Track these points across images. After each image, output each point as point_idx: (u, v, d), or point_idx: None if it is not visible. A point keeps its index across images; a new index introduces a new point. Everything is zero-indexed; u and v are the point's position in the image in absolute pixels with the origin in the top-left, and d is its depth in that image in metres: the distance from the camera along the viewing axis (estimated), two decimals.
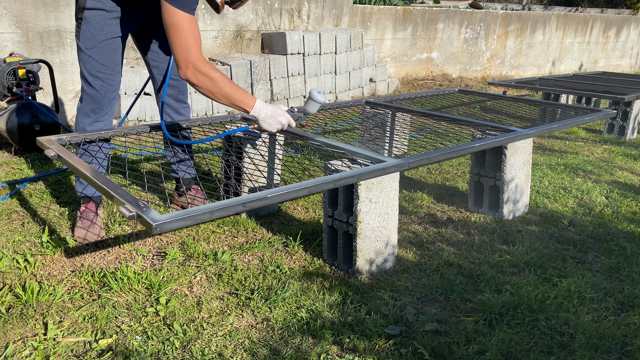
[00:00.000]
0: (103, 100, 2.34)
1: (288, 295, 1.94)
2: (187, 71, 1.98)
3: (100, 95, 2.32)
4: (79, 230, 2.35)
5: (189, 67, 1.97)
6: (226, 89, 2.05)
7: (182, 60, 1.97)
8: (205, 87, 2.02)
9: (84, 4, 2.16)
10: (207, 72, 1.99)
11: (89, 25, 2.18)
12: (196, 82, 2.00)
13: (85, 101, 2.34)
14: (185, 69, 1.97)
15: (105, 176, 1.76)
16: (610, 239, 2.52)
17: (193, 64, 1.97)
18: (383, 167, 1.99)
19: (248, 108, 2.11)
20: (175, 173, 2.71)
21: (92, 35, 2.20)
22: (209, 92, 2.04)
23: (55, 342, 1.65)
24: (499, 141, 2.49)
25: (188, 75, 1.98)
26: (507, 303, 1.90)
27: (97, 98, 2.32)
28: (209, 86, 2.03)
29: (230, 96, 2.07)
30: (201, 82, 2.00)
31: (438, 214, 2.79)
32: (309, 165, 3.42)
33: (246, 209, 1.62)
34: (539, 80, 5.46)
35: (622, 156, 4.12)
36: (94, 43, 2.21)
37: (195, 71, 1.98)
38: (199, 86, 2.02)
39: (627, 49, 10.96)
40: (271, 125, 2.17)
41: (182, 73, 1.99)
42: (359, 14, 6.66)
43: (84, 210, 2.43)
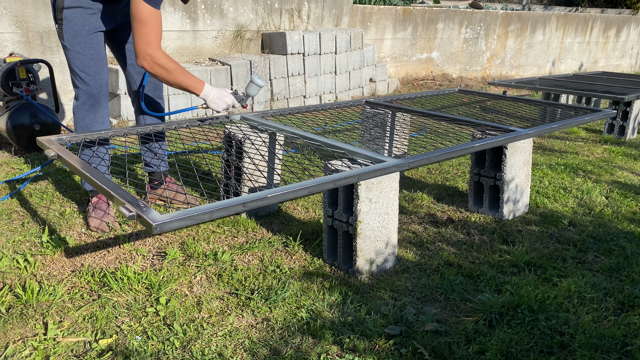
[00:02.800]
0: (99, 94, 2.40)
1: (288, 295, 1.94)
2: (144, 62, 2.17)
3: (95, 90, 2.38)
4: (93, 220, 2.43)
5: (147, 58, 2.16)
6: (179, 78, 2.27)
7: (140, 52, 2.15)
8: (160, 76, 2.23)
9: (62, 3, 2.25)
10: (163, 64, 2.20)
11: (70, 23, 2.27)
12: (151, 72, 2.21)
13: (82, 99, 2.38)
14: (143, 59, 2.16)
15: (105, 176, 1.76)
16: (610, 239, 2.52)
17: (150, 56, 2.16)
18: (383, 167, 1.99)
19: (198, 91, 2.35)
20: (149, 167, 2.77)
21: (75, 32, 2.29)
22: (163, 80, 2.26)
23: (55, 342, 1.65)
24: (499, 141, 2.49)
25: (144, 65, 2.18)
26: (507, 303, 1.90)
27: (93, 93, 2.38)
28: (164, 75, 2.24)
29: (182, 83, 2.29)
30: (156, 72, 2.21)
31: (438, 214, 2.79)
32: (309, 165, 3.42)
33: (246, 209, 1.62)
34: (539, 80, 5.46)
35: (622, 156, 4.12)
36: (79, 39, 2.30)
37: (152, 62, 2.17)
38: (154, 75, 2.23)
39: (627, 49, 10.96)
40: (218, 105, 2.40)
41: (139, 62, 2.17)
42: (359, 14, 6.66)
43: (96, 201, 2.52)
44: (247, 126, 2.65)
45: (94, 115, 2.43)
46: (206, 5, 5.17)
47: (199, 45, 5.24)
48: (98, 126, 2.45)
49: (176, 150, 3.73)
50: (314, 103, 5.87)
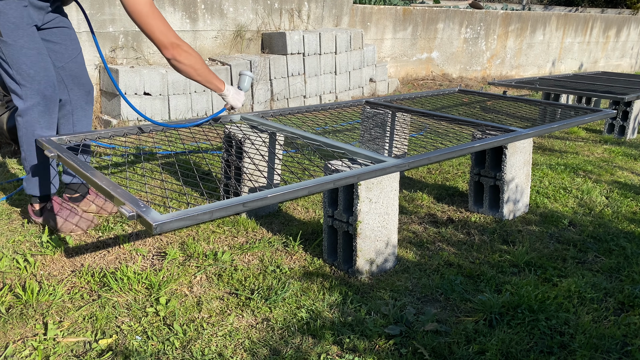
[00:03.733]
0: (54, 94, 2.19)
1: (288, 295, 1.94)
2: (174, 51, 2.07)
3: (49, 89, 2.16)
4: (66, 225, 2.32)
5: (174, 46, 2.07)
6: (205, 69, 2.21)
7: (164, 43, 2.06)
8: (189, 64, 2.13)
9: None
10: (190, 50, 2.12)
11: (7, 15, 2.08)
12: (183, 59, 2.10)
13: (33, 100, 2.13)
14: (172, 48, 2.07)
15: (105, 176, 1.76)
16: (610, 239, 2.52)
17: (176, 44, 2.08)
18: (383, 167, 1.99)
19: (222, 87, 2.34)
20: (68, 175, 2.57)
21: (15, 24, 2.07)
22: (192, 68, 2.16)
23: (55, 342, 1.65)
24: (499, 141, 2.49)
25: (175, 54, 2.08)
26: (507, 303, 1.90)
27: (47, 93, 2.15)
28: (193, 62, 2.14)
29: (208, 75, 2.23)
30: (187, 58, 2.11)
31: (438, 214, 2.79)
32: (309, 165, 3.42)
33: (246, 209, 1.62)
34: (539, 80, 5.46)
35: (622, 156, 4.12)
36: (21, 32, 2.09)
37: (180, 50, 2.09)
38: (185, 63, 2.12)
39: (627, 48, 10.96)
40: (239, 101, 2.41)
41: (169, 52, 2.08)
42: (359, 14, 6.66)
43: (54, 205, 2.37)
44: (247, 126, 2.65)
45: (50, 118, 2.20)
46: (206, 5, 5.18)
47: (199, 45, 5.24)
48: (52, 131, 2.23)
49: (176, 150, 3.73)
50: (314, 103, 5.87)
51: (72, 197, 2.59)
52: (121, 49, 4.72)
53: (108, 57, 4.67)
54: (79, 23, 4.42)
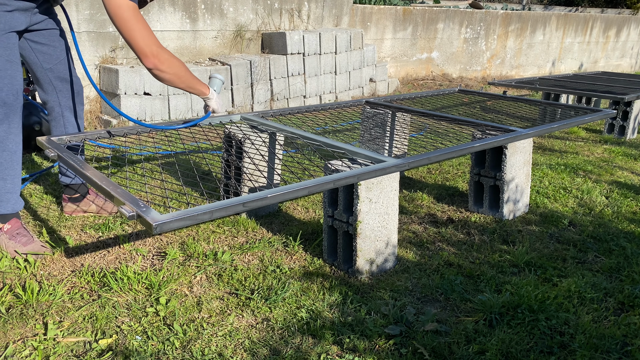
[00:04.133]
0: (16, 102, 2.06)
1: (288, 295, 1.94)
2: (156, 60, 2.02)
3: (11, 97, 2.04)
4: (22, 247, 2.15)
5: (155, 55, 2.01)
6: (188, 74, 2.16)
7: (145, 51, 1.99)
8: (173, 72, 2.08)
9: None
10: (171, 58, 2.06)
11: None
12: (165, 68, 2.04)
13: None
14: (152, 57, 2.01)
15: (105, 176, 1.76)
16: (610, 239, 2.52)
17: (156, 54, 2.02)
18: (383, 167, 1.99)
19: (206, 91, 2.31)
20: (66, 177, 2.51)
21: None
22: (175, 76, 2.10)
23: (55, 342, 1.65)
24: (499, 141, 2.49)
25: (157, 64, 2.03)
26: (507, 303, 1.90)
27: (8, 101, 2.04)
28: (176, 70, 2.09)
29: (191, 81, 2.18)
30: (170, 67, 2.06)
31: (438, 214, 2.79)
32: (309, 165, 3.42)
33: (246, 209, 1.62)
34: (539, 80, 5.46)
35: (622, 156, 4.12)
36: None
37: (162, 59, 2.03)
38: (167, 72, 2.06)
39: (627, 48, 10.96)
40: (221, 105, 2.39)
41: (150, 62, 2.02)
42: (359, 13, 6.66)
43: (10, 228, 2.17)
44: (247, 126, 2.65)
45: (9, 127, 2.07)
46: (206, 5, 5.17)
47: (199, 45, 5.24)
48: (13, 139, 2.09)
49: (176, 150, 3.73)
50: (314, 103, 5.87)
51: (72, 198, 2.56)
52: (121, 49, 4.72)
53: (108, 57, 4.67)
54: (79, 23, 4.42)
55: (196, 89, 2.26)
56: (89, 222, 2.53)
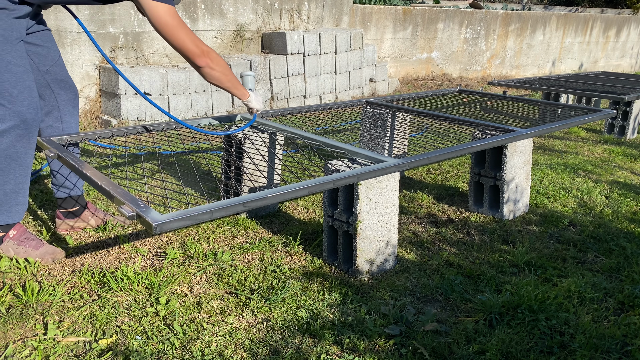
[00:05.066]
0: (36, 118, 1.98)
1: (288, 295, 1.94)
2: (207, 58, 2.08)
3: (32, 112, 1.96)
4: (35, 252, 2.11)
5: (205, 53, 2.06)
6: (232, 75, 2.23)
7: (195, 51, 2.04)
8: (221, 71, 2.14)
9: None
10: (219, 56, 2.13)
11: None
12: (216, 66, 2.11)
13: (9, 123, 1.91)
14: (204, 56, 2.07)
15: (105, 176, 1.76)
16: (610, 239, 2.52)
17: (207, 52, 2.07)
18: (383, 167, 1.99)
19: (247, 94, 2.38)
20: (64, 189, 2.34)
21: (5, 37, 1.88)
22: (224, 75, 2.16)
23: (55, 342, 1.65)
24: (499, 141, 2.49)
25: (209, 62, 2.09)
26: (507, 303, 1.90)
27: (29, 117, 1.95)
28: (224, 69, 2.15)
29: (235, 82, 2.24)
30: (219, 65, 2.12)
31: (438, 214, 2.79)
32: (309, 165, 3.42)
33: (246, 209, 1.62)
34: (539, 80, 5.46)
35: (622, 156, 4.12)
36: (10, 46, 1.90)
37: (213, 56, 2.09)
38: (217, 70, 2.13)
39: (627, 48, 10.96)
40: (261, 102, 2.47)
41: (203, 61, 2.07)
42: (359, 14, 6.66)
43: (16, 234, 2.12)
44: None
45: (28, 142, 1.99)
46: (206, 5, 5.17)
47: None
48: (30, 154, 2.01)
49: (176, 150, 3.73)
50: (314, 103, 5.87)
51: (69, 213, 2.39)
52: (121, 49, 4.72)
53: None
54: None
55: (239, 91, 2.32)
56: None
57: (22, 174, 2.03)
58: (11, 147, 1.95)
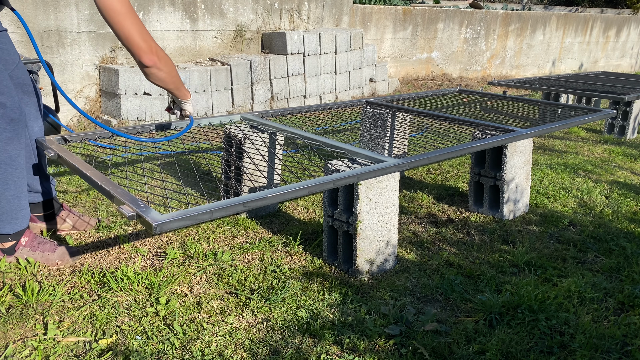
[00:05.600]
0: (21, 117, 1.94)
1: (288, 295, 1.94)
2: (154, 56, 1.87)
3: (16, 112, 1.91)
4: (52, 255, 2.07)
5: (153, 50, 1.86)
6: (177, 75, 2.03)
7: (143, 46, 1.84)
8: (168, 71, 1.95)
9: None
10: (166, 56, 1.94)
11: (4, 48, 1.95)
12: (163, 66, 1.91)
13: None
14: (152, 53, 1.86)
15: (105, 176, 1.76)
16: (610, 239, 2.52)
17: (156, 50, 1.87)
18: (383, 167, 1.99)
19: (188, 95, 2.18)
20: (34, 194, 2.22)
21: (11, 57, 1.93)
22: (169, 75, 1.97)
23: (55, 342, 1.65)
24: (499, 141, 2.49)
25: (156, 61, 1.88)
26: (507, 303, 1.90)
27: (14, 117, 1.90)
28: (171, 69, 1.96)
29: (179, 82, 2.05)
30: (167, 64, 1.93)
31: (438, 214, 2.79)
32: (309, 165, 3.42)
33: (246, 209, 1.62)
34: (539, 80, 5.46)
35: (622, 156, 4.12)
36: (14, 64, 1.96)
37: (162, 55, 1.90)
38: (164, 70, 1.93)
39: (627, 48, 10.96)
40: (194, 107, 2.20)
41: (149, 59, 1.87)
42: (359, 13, 6.66)
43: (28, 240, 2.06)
44: (247, 126, 2.65)
45: (19, 143, 1.94)
46: (206, 5, 5.17)
47: (199, 45, 5.24)
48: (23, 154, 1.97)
49: (176, 150, 3.73)
50: (314, 103, 5.87)
51: (44, 216, 2.30)
52: (121, 49, 4.72)
53: (108, 57, 4.67)
54: (79, 23, 4.42)
55: (182, 91, 2.14)
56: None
57: (19, 176, 1.97)
58: (3, 152, 1.89)
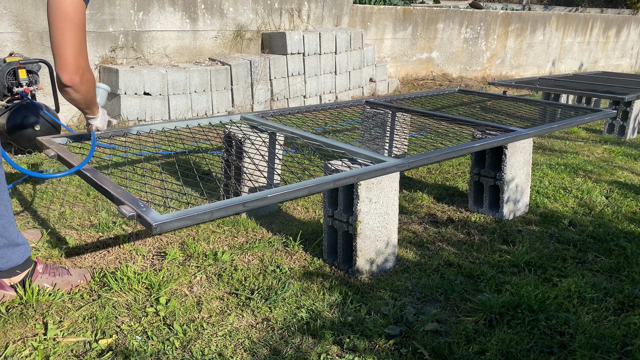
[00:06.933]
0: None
1: (288, 295, 1.94)
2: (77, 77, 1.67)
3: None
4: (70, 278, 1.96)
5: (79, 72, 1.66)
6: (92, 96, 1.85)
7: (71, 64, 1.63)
8: (85, 94, 1.76)
9: None
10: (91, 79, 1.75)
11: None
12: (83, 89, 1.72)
13: None
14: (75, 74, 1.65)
15: (105, 176, 1.76)
16: (610, 239, 2.52)
17: (84, 70, 1.67)
18: (383, 167, 1.99)
19: (97, 111, 2.02)
20: None
21: None
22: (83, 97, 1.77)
23: (55, 342, 1.65)
24: (499, 141, 2.49)
25: (75, 82, 1.67)
26: (507, 303, 1.90)
27: None
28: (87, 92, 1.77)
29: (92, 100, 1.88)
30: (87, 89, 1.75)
31: (438, 214, 2.79)
32: (309, 165, 3.42)
33: (246, 209, 1.62)
34: (539, 80, 5.46)
35: (622, 156, 4.12)
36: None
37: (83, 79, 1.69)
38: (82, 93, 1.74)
39: (627, 48, 10.96)
40: (105, 121, 2.09)
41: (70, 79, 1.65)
42: (359, 13, 6.66)
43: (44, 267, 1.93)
44: (247, 126, 2.65)
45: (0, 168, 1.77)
46: (206, 5, 5.17)
47: (199, 45, 5.24)
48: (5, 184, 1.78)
49: (176, 150, 3.73)
50: (314, 103, 5.87)
51: None
52: (121, 49, 4.72)
53: (108, 57, 4.67)
54: None
55: (91, 109, 1.96)
56: (88, 222, 2.52)
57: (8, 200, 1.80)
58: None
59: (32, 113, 3.47)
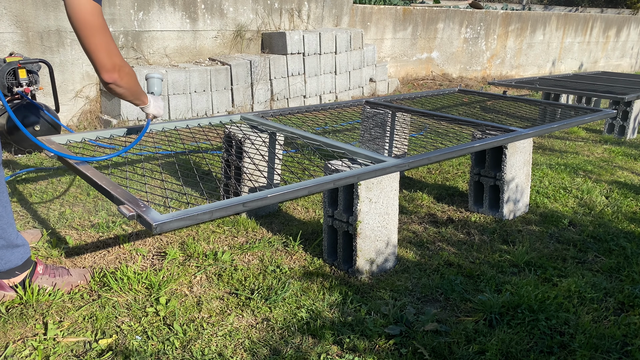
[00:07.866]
0: None
1: (288, 295, 1.94)
2: (116, 74, 1.81)
3: None
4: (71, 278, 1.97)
5: (117, 68, 1.80)
6: (138, 85, 1.97)
7: (107, 65, 1.77)
8: (126, 87, 1.88)
9: None
10: (130, 71, 1.87)
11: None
12: (124, 83, 1.85)
13: None
14: (114, 71, 1.79)
15: (105, 176, 1.76)
16: (610, 239, 2.52)
17: (119, 67, 1.80)
18: (383, 167, 1.99)
19: (146, 100, 2.10)
20: None
21: None
22: (129, 90, 1.91)
23: (55, 342, 1.65)
24: (499, 141, 2.49)
25: (117, 79, 1.82)
26: (507, 303, 1.90)
27: None
28: (132, 84, 1.90)
29: (138, 92, 1.99)
30: (128, 82, 1.87)
31: (438, 214, 2.79)
32: (309, 165, 3.42)
33: (246, 209, 1.62)
34: (539, 80, 5.46)
35: (622, 156, 4.12)
36: None
37: (123, 73, 1.83)
38: (124, 87, 1.87)
39: (627, 48, 10.96)
40: (160, 108, 2.18)
41: (109, 76, 1.80)
42: (359, 13, 6.66)
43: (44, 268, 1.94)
44: (247, 126, 2.65)
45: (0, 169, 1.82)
46: (206, 5, 5.17)
47: (199, 45, 5.24)
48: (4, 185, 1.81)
49: (176, 150, 3.73)
50: (314, 103, 5.87)
51: None
52: (121, 49, 4.72)
53: None
54: None
55: (140, 100, 2.07)
56: (88, 222, 2.53)
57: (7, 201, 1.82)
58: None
59: (32, 113, 3.47)
